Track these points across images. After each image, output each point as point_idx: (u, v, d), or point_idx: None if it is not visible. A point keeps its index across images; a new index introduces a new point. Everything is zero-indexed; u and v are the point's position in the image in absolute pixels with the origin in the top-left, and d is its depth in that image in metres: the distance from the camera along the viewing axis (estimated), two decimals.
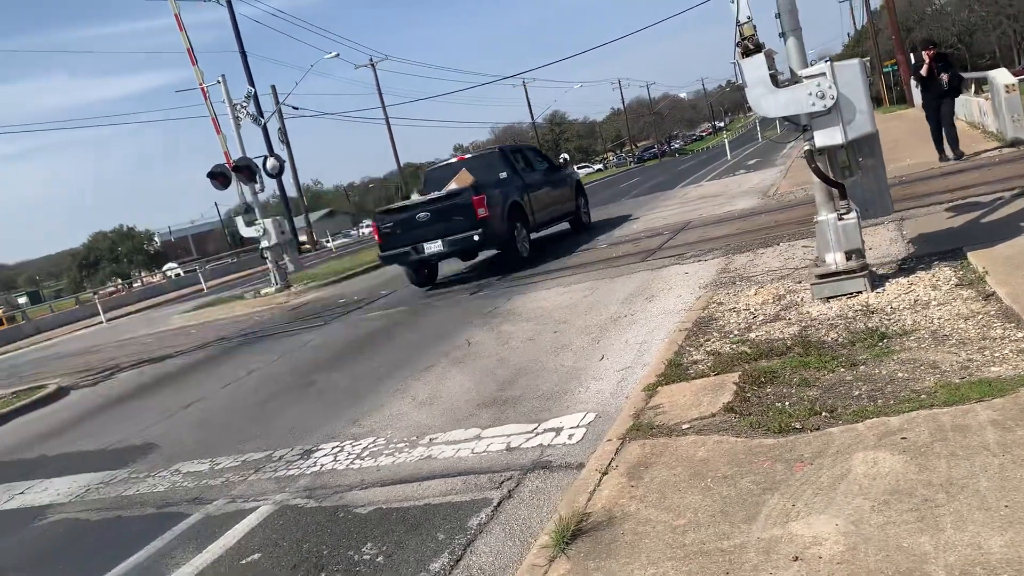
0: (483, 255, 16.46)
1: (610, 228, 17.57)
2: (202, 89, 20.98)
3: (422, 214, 14.36)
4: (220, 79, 21.06)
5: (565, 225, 18.36)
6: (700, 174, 30.69)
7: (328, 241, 60.60)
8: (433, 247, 14.15)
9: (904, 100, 39.67)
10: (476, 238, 13.91)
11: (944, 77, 14.07)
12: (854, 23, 79.64)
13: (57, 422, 10.67)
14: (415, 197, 16.59)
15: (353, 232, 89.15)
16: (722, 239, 11.87)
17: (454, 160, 17.11)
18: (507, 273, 14.00)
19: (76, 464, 8.09)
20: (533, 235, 15.66)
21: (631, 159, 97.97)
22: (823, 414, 4.46)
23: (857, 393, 4.65)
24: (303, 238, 55.51)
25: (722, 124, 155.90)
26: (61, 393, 12.85)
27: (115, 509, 6.35)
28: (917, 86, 15.99)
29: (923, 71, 14.29)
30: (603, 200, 29.08)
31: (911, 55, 42.17)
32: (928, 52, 14.27)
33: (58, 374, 15.77)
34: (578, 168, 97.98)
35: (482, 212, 13.94)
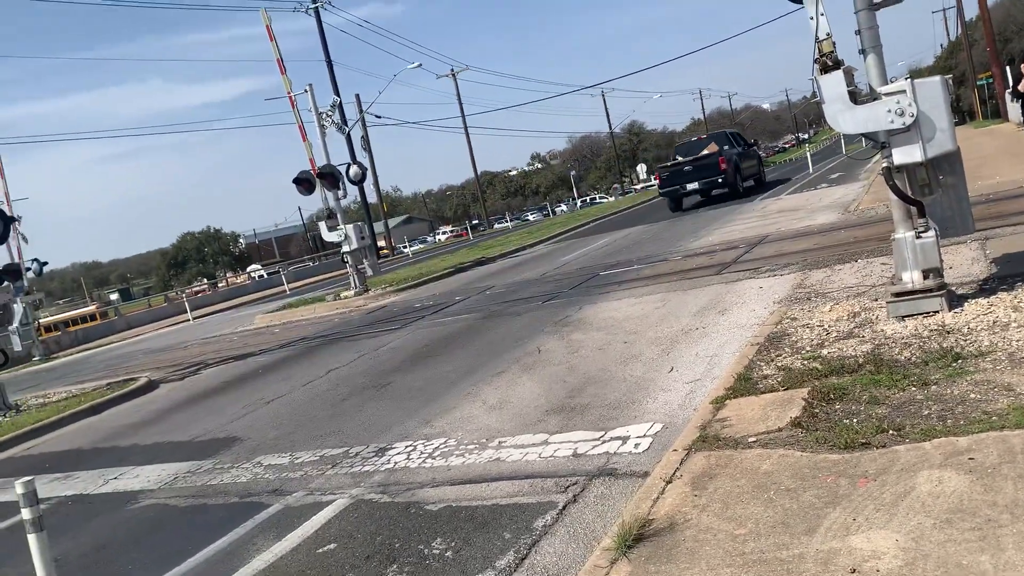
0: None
1: (687, 239, 17.52)
2: (290, 98, 21.71)
3: (687, 167, 27.88)
4: (307, 88, 21.76)
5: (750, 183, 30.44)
6: (781, 187, 30.19)
7: (405, 247, 61.64)
8: (692, 186, 27.80)
9: (998, 115, 38.24)
10: (719, 181, 27.43)
11: None
12: (948, 35, 77.09)
13: (148, 413, 11.24)
14: (679, 158, 29.40)
15: (429, 238, 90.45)
16: (799, 254, 11.75)
17: (701, 137, 31.37)
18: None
19: (165, 453, 8.55)
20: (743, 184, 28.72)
21: None
22: (890, 432, 4.46)
23: (927, 412, 4.64)
24: (381, 243, 56.68)
25: (806, 136, 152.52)
26: (151, 386, 13.51)
27: (201, 497, 6.71)
28: (1015, 101, 15.34)
29: (1022, 86, 13.74)
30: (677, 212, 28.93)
31: (1007, 68, 40.66)
32: None
33: (148, 368, 16.55)
34: (654, 179, 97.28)
35: (723, 167, 27.23)
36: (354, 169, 22.41)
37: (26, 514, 4.19)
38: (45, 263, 25.21)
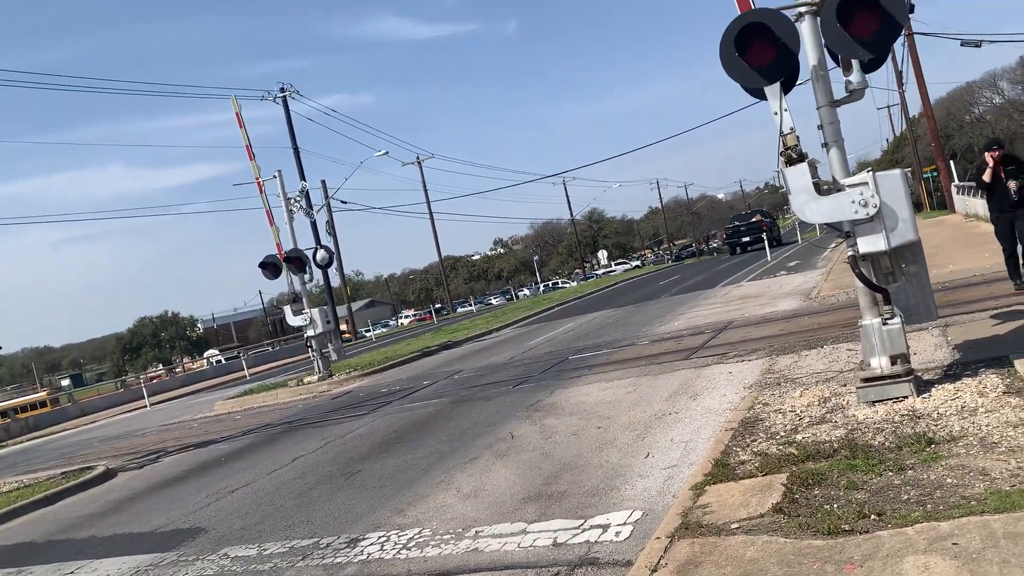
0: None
1: (653, 324, 17.70)
2: (258, 183, 21.84)
3: (742, 228, 56.27)
4: (276, 174, 21.94)
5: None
6: (740, 274, 30.80)
7: (368, 331, 61.28)
8: (745, 239, 54.66)
9: (944, 206, 39.75)
10: (763, 236, 44.83)
11: (1013, 185, 11.24)
12: (893, 130, 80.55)
13: (106, 503, 10.86)
14: (737, 223, 58.22)
15: (392, 322, 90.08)
16: (765, 340, 11.94)
17: (749, 211, 67.07)
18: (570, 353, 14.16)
19: (125, 545, 8.24)
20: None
21: (669, 257, 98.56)
22: (872, 517, 4.49)
23: (906, 497, 4.69)
24: (344, 327, 56.28)
25: None
26: (109, 475, 13.08)
27: None
28: (980, 195, 13.90)
29: (986, 176, 11.44)
30: (643, 297, 29.30)
31: (951, 162, 42.45)
32: (992, 154, 11.45)
33: (105, 456, 16.05)
34: (615, 264, 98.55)
35: (764, 228, 49.22)
36: (321, 253, 22.46)
37: None
38: None
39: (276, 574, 6.23)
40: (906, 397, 6.74)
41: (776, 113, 7.10)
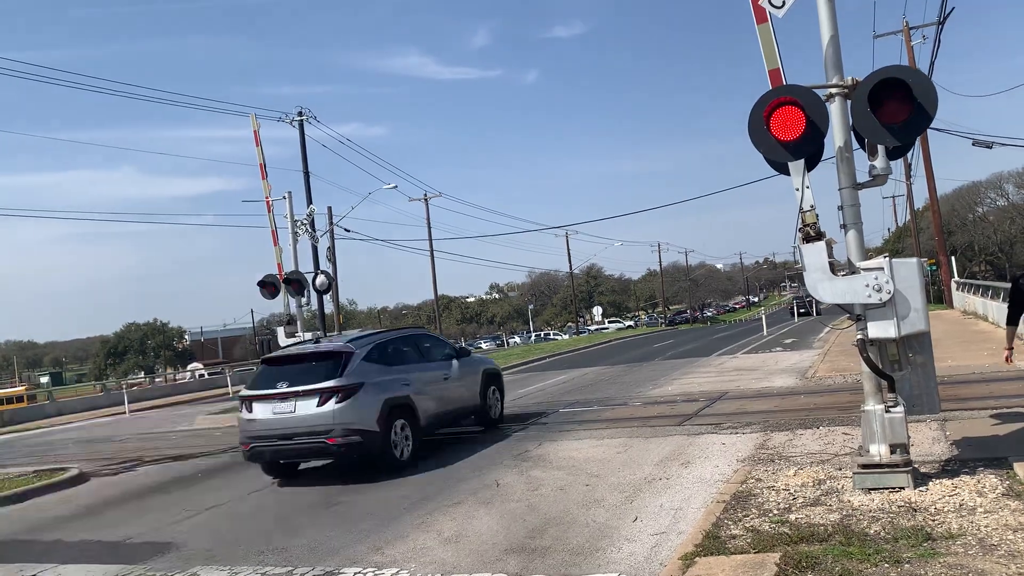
0: None
1: (646, 386, 17.58)
2: (267, 203, 21.84)
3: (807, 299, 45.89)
4: (287, 195, 21.93)
5: None
6: (736, 345, 30.78)
7: None
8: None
9: (942, 300, 39.94)
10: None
11: None
12: (896, 220, 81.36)
13: (76, 507, 10.62)
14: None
15: None
16: (760, 414, 11.84)
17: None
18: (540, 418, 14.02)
19: (91, 553, 8.04)
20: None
21: (663, 320, 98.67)
22: None
23: None
24: None
25: (756, 299, 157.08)
26: (82, 478, 12.83)
27: None
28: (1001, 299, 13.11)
29: None
30: (637, 357, 29.19)
31: (951, 258, 42.77)
32: None
33: (80, 459, 15.76)
34: (608, 323, 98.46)
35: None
36: (321, 279, 22.34)
37: None
38: None
39: None
40: (903, 488, 6.65)
41: (798, 189, 7.12)
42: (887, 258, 6.81)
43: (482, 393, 13.32)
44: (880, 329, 6.77)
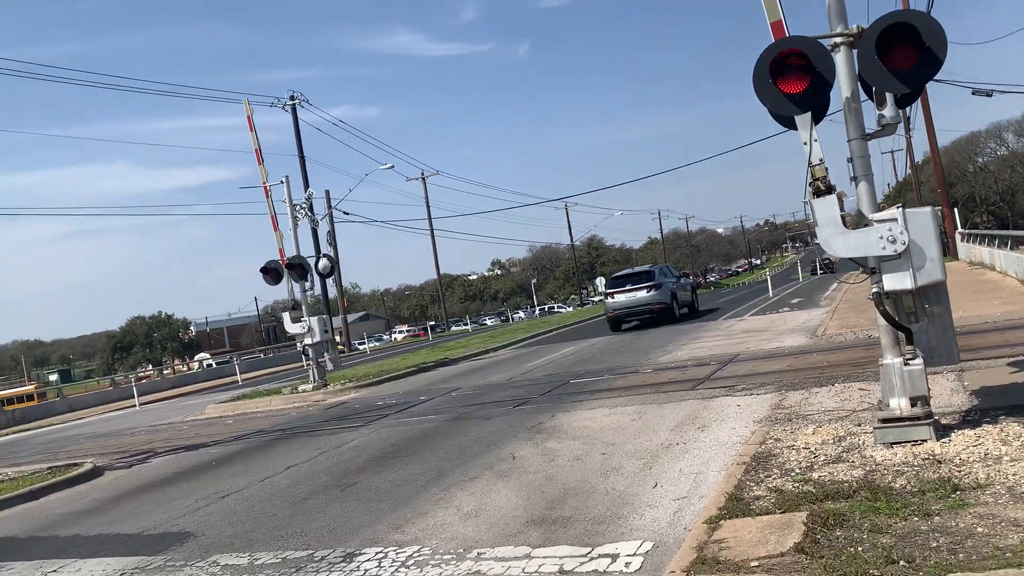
0: None
1: (655, 353, 17.52)
2: (265, 188, 21.70)
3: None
4: (284, 180, 21.81)
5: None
6: (742, 308, 30.64)
7: (362, 343, 61.00)
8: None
9: (947, 252, 39.80)
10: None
11: None
12: (896, 174, 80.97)
13: (91, 502, 10.60)
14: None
15: (386, 336, 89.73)
16: (773, 375, 11.76)
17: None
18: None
19: (110, 546, 7.99)
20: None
21: None
22: (901, 563, 4.30)
23: (935, 544, 4.49)
24: (338, 339, 56.00)
25: (758, 262, 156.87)
26: (96, 472, 12.80)
27: None
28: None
29: None
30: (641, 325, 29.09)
31: (954, 209, 42.52)
32: None
33: (92, 453, 15.76)
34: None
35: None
36: (323, 262, 22.30)
37: None
38: None
39: None
40: (926, 440, 6.55)
41: (805, 143, 6.96)
42: (900, 208, 6.67)
43: (693, 295, 31.41)
44: (896, 281, 6.65)
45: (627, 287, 27.93)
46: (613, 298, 28.20)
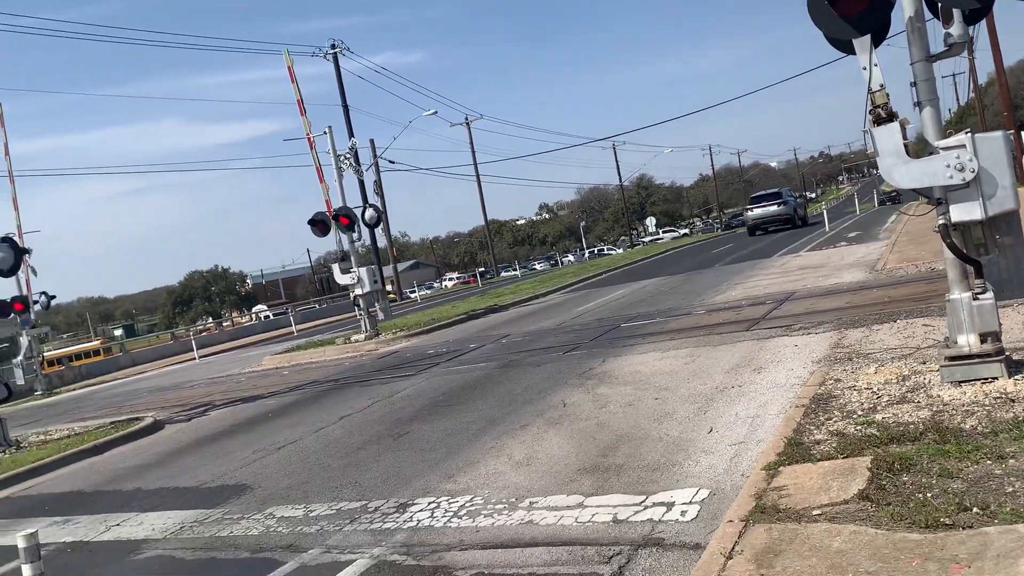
0: None
1: (708, 294, 17.19)
2: (309, 139, 21.65)
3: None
4: (327, 130, 21.71)
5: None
6: (798, 243, 29.89)
7: (413, 292, 61.43)
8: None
9: (1018, 178, 38.31)
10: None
11: None
12: (957, 99, 77.75)
13: (152, 455, 10.83)
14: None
15: (436, 284, 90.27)
16: (832, 312, 11.40)
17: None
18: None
19: (170, 500, 8.14)
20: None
21: (719, 226, 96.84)
22: (974, 510, 4.08)
23: (1011, 490, 4.25)
24: (389, 288, 56.45)
25: (813, 195, 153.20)
26: (156, 426, 13.10)
27: (210, 550, 6.30)
28: None
29: None
30: (695, 265, 28.67)
31: (1022, 133, 40.64)
32: None
33: (153, 407, 16.15)
34: (663, 232, 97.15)
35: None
36: (370, 212, 22.27)
37: (27, 571, 3.81)
38: (53, 297, 24.98)
39: (322, 537, 6.02)
40: (996, 378, 6.24)
41: (865, 68, 6.57)
42: (969, 134, 6.25)
43: (804, 211, 46.92)
44: (964, 211, 6.27)
45: (762, 203, 42.80)
46: (752, 211, 43.03)
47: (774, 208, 41.73)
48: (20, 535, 3.77)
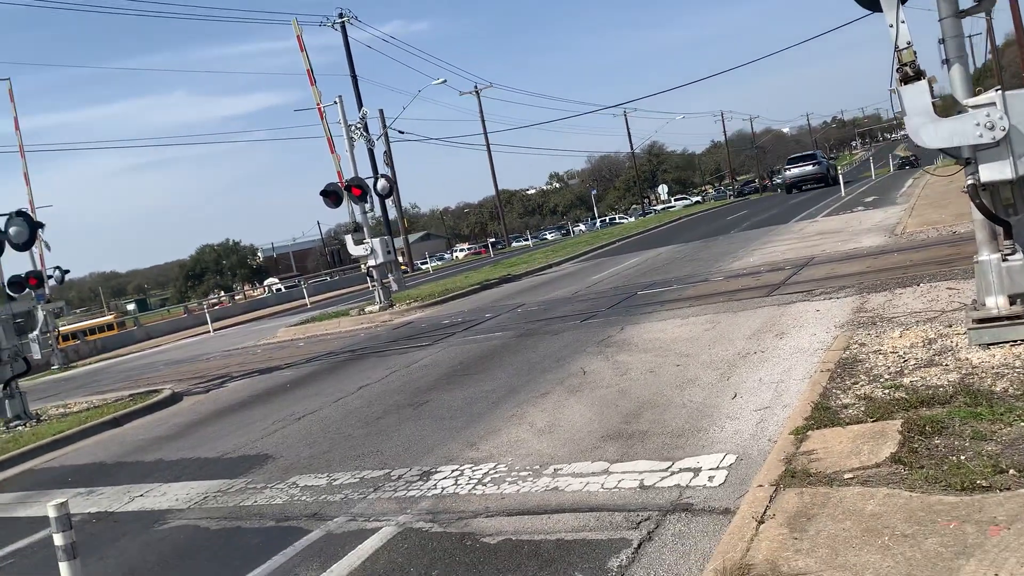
0: None
1: (725, 260, 17.07)
2: (319, 109, 21.53)
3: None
4: (337, 99, 21.56)
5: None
6: (814, 209, 29.64)
7: (425, 263, 61.44)
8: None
9: None
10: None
11: None
12: (973, 61, 76.49)
13: (172, 427, 10.88)
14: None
15: (447, 255, 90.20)
16: (853, 277, 11.29)
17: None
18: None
19: (193, 470, 8.18)
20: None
21: (731, 193, 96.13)
22: (1011, 472, 4.02)
23: None
24: (401, 259, 56.44)
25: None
26: (175, 398, 13.16)
27: (234, 519, 6.32)
28: None
29: None
30: (710, 232, 28.50)
31: None
32: None
33: (170, 379, 16.23)
34: (675, 200, 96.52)
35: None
36: (382, 183, 22.17)
37: (58, 540, 3.81)
38: (67, 271, 25.09)
39: (347, 506, 6.02)
40: None
41: (892, 25, 6.41)
42: (999, 91, 6.11)
43: (836, 172, 50.45)
44: (994, 171, 6.14)
45: (799, 164, 48.69)
46: (789, 171, 48.93)
47: (809, 168, 47.63)
48: (51, 504, 3.76)
